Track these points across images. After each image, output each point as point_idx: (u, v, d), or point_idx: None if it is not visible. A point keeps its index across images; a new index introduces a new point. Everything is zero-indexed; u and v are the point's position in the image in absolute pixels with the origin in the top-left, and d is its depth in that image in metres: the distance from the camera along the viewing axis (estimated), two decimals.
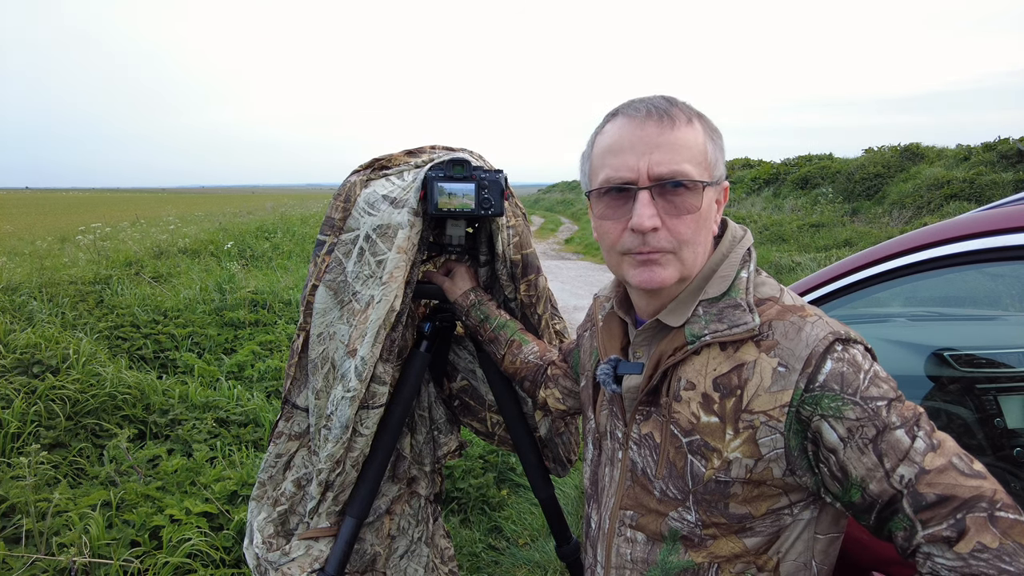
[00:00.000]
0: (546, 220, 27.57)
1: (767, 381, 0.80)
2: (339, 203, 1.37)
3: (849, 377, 0.76)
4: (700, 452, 0.84)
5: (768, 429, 0.79)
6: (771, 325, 0.82)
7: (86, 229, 10.01)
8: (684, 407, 0.86)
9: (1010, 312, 1.89)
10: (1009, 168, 12.78)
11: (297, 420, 1.44)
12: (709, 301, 0.87)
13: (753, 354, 0.82)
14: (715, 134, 0.88)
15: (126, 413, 3.41)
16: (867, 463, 0.75)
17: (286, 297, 6.10)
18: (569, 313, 7.47)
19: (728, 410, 0.82)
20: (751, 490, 0.82)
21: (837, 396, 0.76)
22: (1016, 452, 1.39)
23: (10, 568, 2.14)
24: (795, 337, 0.80)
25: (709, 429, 0.83)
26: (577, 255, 14.63)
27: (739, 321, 0.83)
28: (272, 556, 1.38)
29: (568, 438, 1.61)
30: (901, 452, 0.74)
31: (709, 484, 0.84)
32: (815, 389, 0.77)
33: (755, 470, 0.81)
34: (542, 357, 1.35)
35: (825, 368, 0.77)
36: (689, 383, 0.86)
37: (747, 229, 0.95)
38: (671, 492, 0.88)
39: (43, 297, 5.26)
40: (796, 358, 0.78)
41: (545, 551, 2.74)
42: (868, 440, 0.75)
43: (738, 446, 0.81)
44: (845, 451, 0.76)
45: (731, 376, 0.82)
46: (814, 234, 11.98)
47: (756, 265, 0.91)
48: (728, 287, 0.86)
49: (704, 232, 0.86)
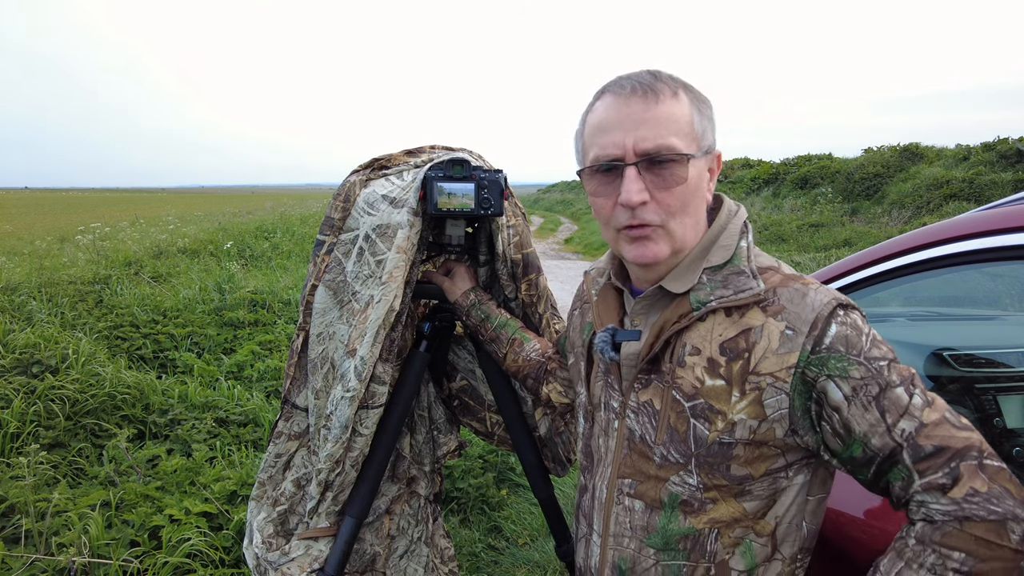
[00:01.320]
0: (546, 220, 27.57)
1: (775, 344, 0.83)
2: (338, 203, 1.37)
3: (853, 339, 0.80)
4: (703, 415, 0.87)
5: (774, 390, 0.83)
6: (775, 291, 0.86)
7: (85, 229, 10.01)
8: (688, 372, 0.88)
9: (1009, 312, 1.89)
10: (1008, 168, 12.80)
11: (297, 420, 1.44)
12: (713, 269, 0.89)
13: (760, 319, 0.85)
14: (702, 104, 0.90)
15: (125, 413, 3.40)
16: (870, 419, 0.79)
17: (285, 297, 6.09)
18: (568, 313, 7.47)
19: (735, 372, 0.85)
20: (752, 451, 0.85)
21: (843, 357, 0.80)
22: (1015, 452, 1.39)
23: (9, 568, 2.14)
24: (800, 302, 0.83)
25: (714, 392, 0.86)
26: (577, 255, 14.63)
27: (744, 287, 0.86)
28: (272, 556, 1.38)
29: (567, 438, 1.61)
30: (901, 408, 0.78)
31: (712, 446, 0.86)
32: (821, 351, 0.81)
33: (759, 431, 0.84)
34: (544, 354, 1.35)
35: (831, 331, 0.81)
36: (694, 348, 0.88)
37: (741, 204, 0.98)
38: (672, 457, 0.90)
39: (42, 297, 5.26)
40: (803, 321, 0.82)
41: (545, 551, 2.74)
42: (872, 397, 0.79)
43: (744, 407, 0.84)
44: (850, 408, 0.79)
45: (738, 340, 0.85)
46: (813, 234, 11.98)
47: (753, 237, 0.94)
48: (731, 255, 0.89)
49: (694, 203, 0.89)
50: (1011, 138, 13.73)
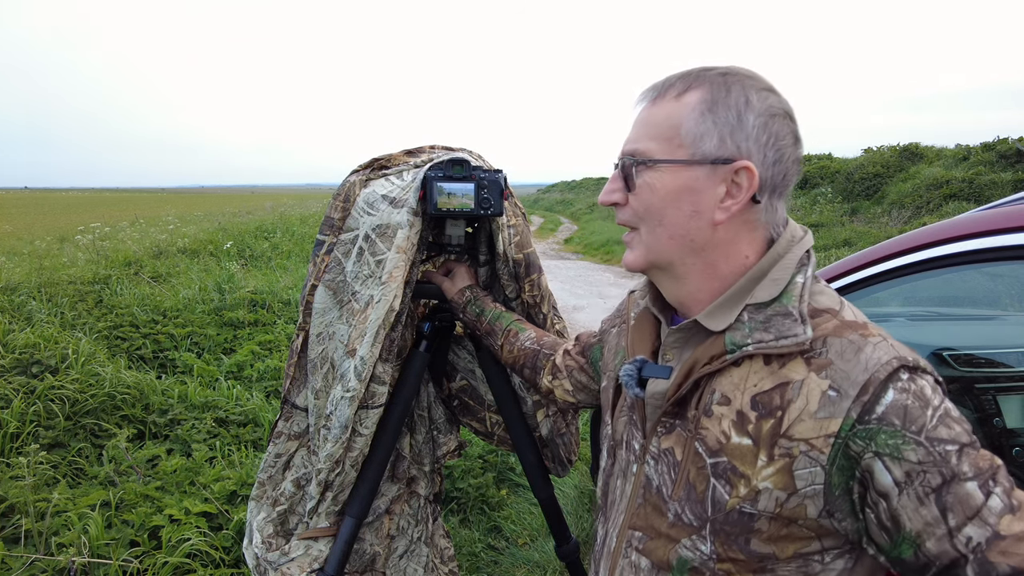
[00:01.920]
0: (546, 220, 27.58)
1: (813, 405, 0.70)
2: (338, 203, 1.37)
3: (914, 412, 0.65)
4: (725, 476, 0.75)
5: (807, 460, 0.69)
6: (826, 341, 0.72)
7: (85, 229, 10.00)
8: (714, 423, 0.77)
9: (1009, 312, 1.89)
10: (1008, 168, 12.79)
11: (296, 420, 1.44)
12: (756, 306, 0.76)
13: (802, 372, 0.72)
14: (719, 105, 0.76)
15: (125, 413, 3.40)
16: (926, 516, 0.64)
17: (285, 297, 6.09)
18: (569, 313, 7.47)
19: (764, 432, 0.72)
20: (779, 527, 0.72)
21: (897, 432, 0.65)
22: (1015, 452, 1.39)
23: (9, 568, 2.14)
24: (853, 358, 0.69)
25: (739, 452, 0.74)
26: (577, 255, 14.63)
27: (788, 332, 0.73)
28: (271, 556, 1.38)
29: (568, 438, 1.61)
30: (971, 509, 0.63)
31: (731, 514, 0.74)
32: (871, 421, 0.66)
33: (786, 505, 0.71)
34: (539, 342, 1.31)
35: (886, 398, 0.66)
36: (724, 397, 0.76)
37: (808, 230, 0.83)
38: (686, 517, 0.78)
39: (42, 297, 5.25)
40: (852, 383, 0.68)
41: (545, 551, 2.74)
42: (931, 489, 0.64)
43: (770, 475, 0.72)
44: (900, 498, 0.65)
45: (773, 394, 0.73)
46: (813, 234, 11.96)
47: (815, 271, 0.80)
48: (780, 292, 0.76)
49: (670, 215, 0.78)
50: (1011, 138, 13.73)
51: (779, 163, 0.77)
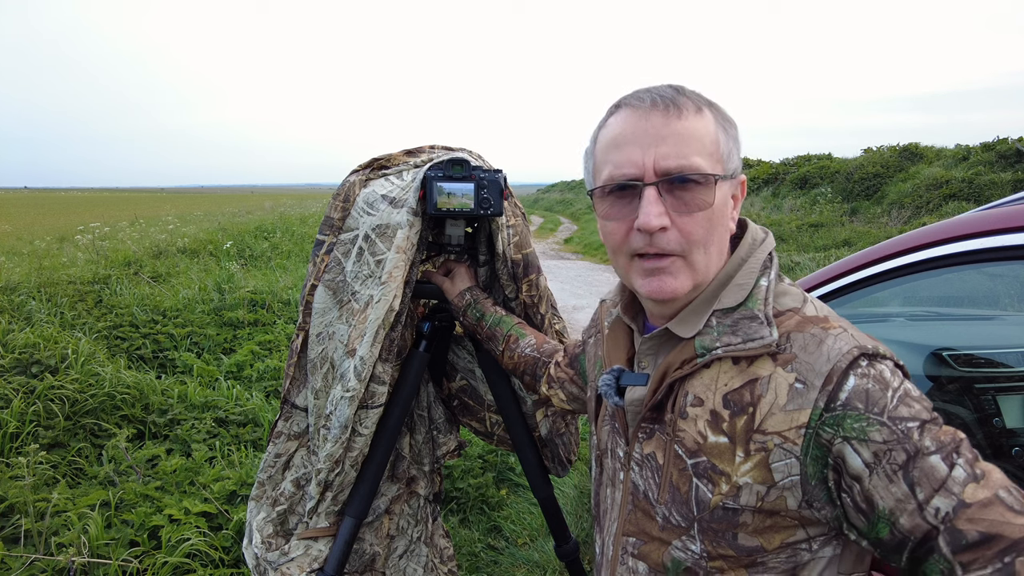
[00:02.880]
0: (545, 220, 27.58)
1: (782, 398, 0.72)
2: (338, 203, 1.37)
3: (875, 395, 0.68)
4: (707, 475, 0.76)
5: (782, 452, 0.71)
6: (789, 337, 0.74)
7: (85, 229, 10.00)
8: (690, 425, 0.78)
9: (1009, 312, 1.89)
10: (1008, 168, 12.80)
11: (296, 420, 1.44)
12: (723, 311, 0.79)
13: (768, 368, 0.74)
14: (728, 124, 0.81)
15: (125, 413, 3.40)
16: (896, 493, 0.66)
17: (285, 297, 6.09)
18: (568, 313, 7.47)
19: (739, 429, 0.74)
20: (763, 520, 0.74)
21: (861, 416, 0.68)
22: (1015, 452, 1.39)
23: (9, 568, 2.14)
24: (816, 351, 0.72)
25: (717, 450, 0.76)
26: (576, 255, 14.63)
27: (755, 335, 0.75)
28: (271, 556, 1.38)
29: (568, 438, 1.61)
30: (936, 481, 0.65)
31: (716, 511, 0.76)
32: (837, 408, 0.69)
33: (767, 498, 0.73)
34: (539, 349, 1.32)
35: (848, 385, 0.69)
36: (697, 399, 0.78)
37: (768, 231, 0.86)
38: (674, 519, 0.80)
39: (42, 297, 5.25)
40: (816, 373, 0.70)
41: (544, 551, 2.74)
42: (898, 466, 0.66)
43: (749, 470, 0.73)
44: (871, 479, 0.67)
45: (743, 392, 0.75)
46: (813, 234, 11.99)
47: (779, 271, 0.83)
48: (745, 297, 0.78)
49: (718, 232, 0.79)
50: (1011, 138, 13.74)
51: None
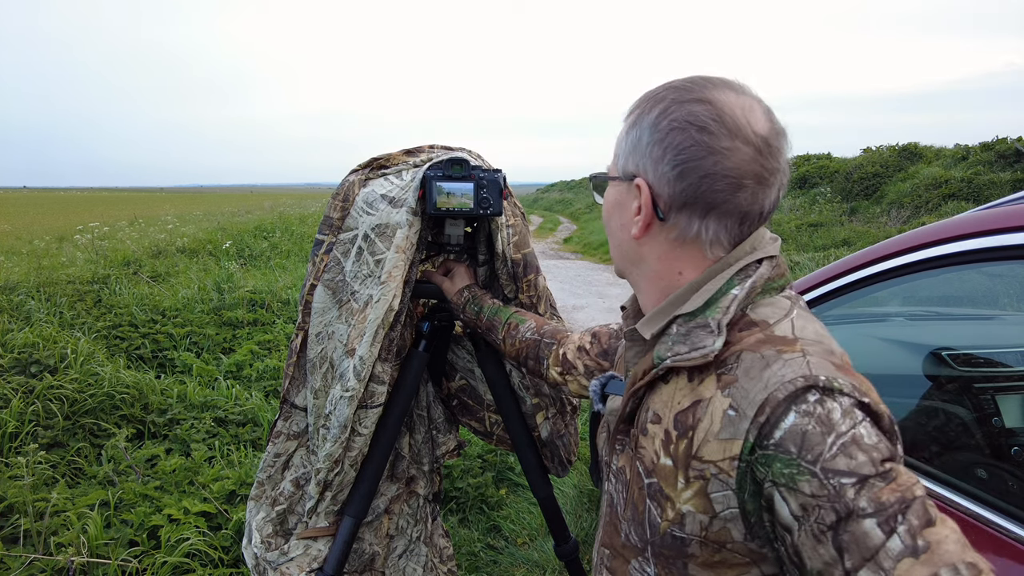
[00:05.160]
0: (545, 219, 27.57)
1: (716, 425, 0.66)
2: (337, 202, 1.37)
3: (812, 439, 0.59)
4: (656, 499, 0.72)
5: (719, 483, 0.66)
6: (740, 356, 0.67)
7: (84, 228, 10.00)
8: (649, 442, 0.74)
9: (1008, 312, 1.89)
10: (1007, 168, 12.80)
11: (296, 420, 1.44)
12: (685, 317, 0.73)
13: (711, 390, 0.68)
14: (639, 123, 0.75)
15: (124, 413, 3.40)
16: (824, 555, 0.59)
17: (284, 296, 6.09)
18: (568, 313, 7.47)
19: (680, 453, 0.69)
20: (711, 553, 0.68)
21: (792, 461, 0.60)
22: (1014, 452, 1.39)
23: (8, 568, 2.14)
24: (757, 376, 0.65)
25: (664, 473, 0.71)
26: (576, 255, 14.63)
27: (699, 344, 0.69)
28: (270, 556, 1.38)
29: (568, 439, 1.61)
30: (868, 551, 0.56)
31: (665, 537, 0.71)
32: (768, 447, 0.62)
33: (711, 528, 0.67)
34: (539, 332, 1.29)
35: (785, 422, 0.61)
36: (655, 415, 0.74)
37: (777, 238, 0.78)
38: (632, 538, 0.77)
39: (41, 296, 5.25)
40: (749, 402, 0.64)
41: (544, 550, 2.74)
42: (826, 526, 0.58)
43: (690, 498, 0.68)
44: (799, 534, 0.60)
45: (688, 413, 0.70)
46: (812, 233, 11.99)
47: (771, 280, 0.74)
48: (705, 303, 0.72)
49: (611, 229, 0.84)
50: (1010, 138, 13.74)
51: (683, 178, 0.70)
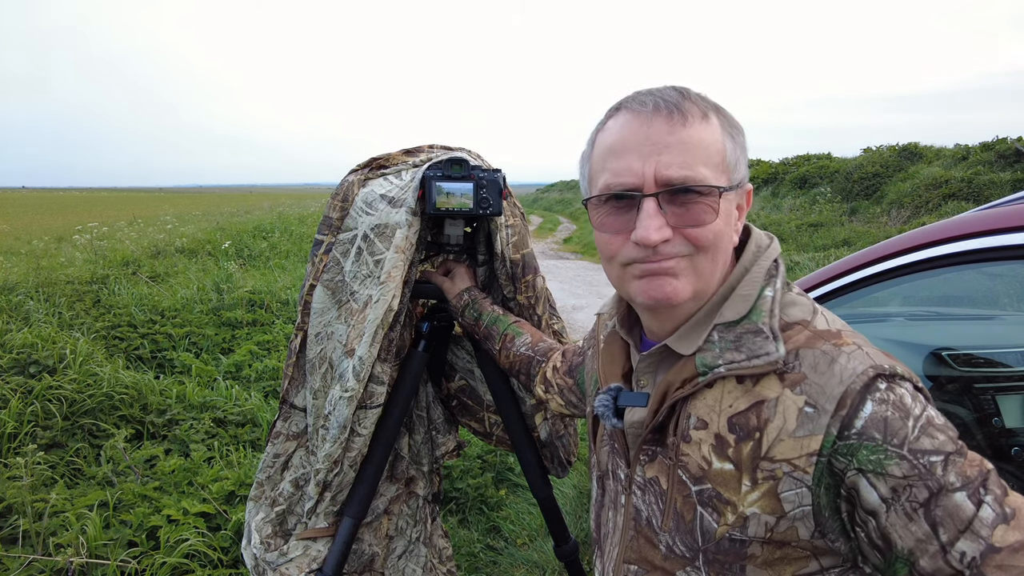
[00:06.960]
0: (544, 220, 27.57)
1: (791, 423, 0.67)
2: (337, 202, 1.37)
3: (895, 424, 0.63)
4: (711, 504, 0.72)
5: (792, 481, 0.67)
6: (798, 355, 0.69)
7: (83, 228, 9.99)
8: (694, 449, 0.74)
9: (1008, 312, 1.89)
10: (1007, 168, 12.81)
11: (295, 420, 1.43)
12: (726, 325, 0.73)
13: (776, 389, 0.69)
14: (735, 131, 0.76)
15: (123, 413, 3.40)
16: (916, 532, 0.61)
17: (284, 297, 6.09)
18: (568, 313, 7.47)
19: (745, 456, 0.69)
20: (772, 551, 0.69)
21: (879, 447, 0.62)
22: (1014, 451, 1.39)
23: (7, 568, 2.13)
24: (827, 371, 0.66)
25: (722, 477, 0.71)
26: (576, 255, 14.63)
27: (759, 351, 0.70)
28: (270, 556, 1.37)
29: (568, 440, 1.61)
30: (962, 522, 0.60)
31: (722, 543, 0.71)
32: (851, 437, 0.64)
33: (777, 529, 0.68)
34: (534, 348, 1.29)
35: (864, 411, 0.63)
36: (700, 421, 0.73)
37: (773, 237, 0.81)
38: (678, 549, 0.75)
39: (40, 297, 5.24)
40: (828, 397, 0.65)
41: (543, 551, 2.74)
42: (918, 504, 0.61)
43: (756, 500, 0.69)
44: (888, 515, 0.63)
45: (749, 415, 0.70)
46: (812, 233, 12.00)
47: (785, 280, 0.77)
48: (749, 309, 0.73)
49: (723, 244, 0.74)
50: (1010, 138, 13.75)
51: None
